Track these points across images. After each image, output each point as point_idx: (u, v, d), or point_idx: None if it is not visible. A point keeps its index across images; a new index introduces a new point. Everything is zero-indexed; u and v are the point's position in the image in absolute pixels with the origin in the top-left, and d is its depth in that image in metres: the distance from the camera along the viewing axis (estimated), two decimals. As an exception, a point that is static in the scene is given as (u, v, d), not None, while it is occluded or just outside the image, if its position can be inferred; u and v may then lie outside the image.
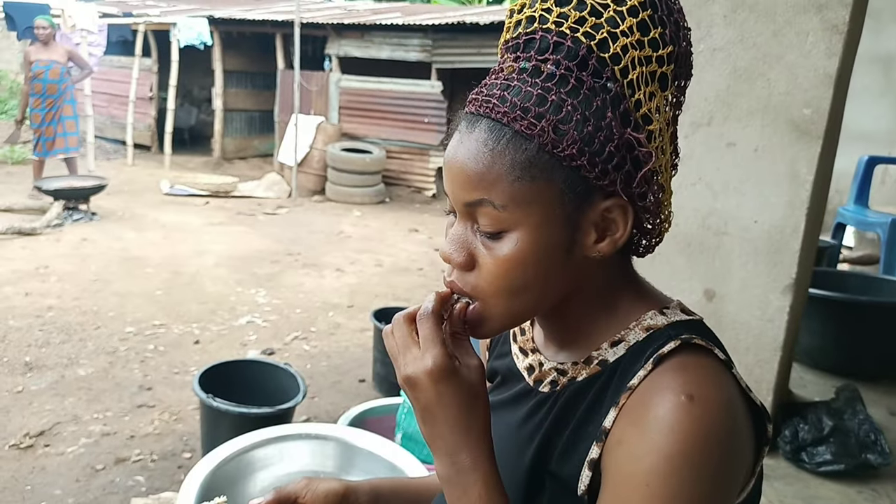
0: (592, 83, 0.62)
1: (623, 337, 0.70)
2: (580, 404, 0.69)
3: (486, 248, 0.66)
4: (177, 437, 2.82)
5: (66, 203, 6.36)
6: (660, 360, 0.64)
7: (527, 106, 0.62)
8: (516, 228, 0.64)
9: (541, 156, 0.62)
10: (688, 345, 0.64)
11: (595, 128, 0.62)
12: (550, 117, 0.62)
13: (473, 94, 0.68)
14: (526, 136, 0.62)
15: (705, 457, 0.59)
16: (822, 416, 1.86)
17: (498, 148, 0.63)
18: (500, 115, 0.63)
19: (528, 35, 0.65)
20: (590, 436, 0.66)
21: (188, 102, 11.85)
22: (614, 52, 0.62)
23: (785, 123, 1.73)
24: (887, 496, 1.72)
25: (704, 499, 0.59)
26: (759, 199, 1.78)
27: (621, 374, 0.67)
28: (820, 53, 1.67)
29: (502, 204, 0.63)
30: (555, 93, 0.62)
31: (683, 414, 0.59)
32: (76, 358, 3.53)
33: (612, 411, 0.64)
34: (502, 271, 0.65)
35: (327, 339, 4.07)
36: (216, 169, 9.94)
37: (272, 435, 2.18)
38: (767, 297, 1.80)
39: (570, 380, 0.72)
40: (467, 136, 0.65)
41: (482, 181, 0.64)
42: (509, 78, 0.65)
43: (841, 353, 2.50)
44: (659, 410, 0.60)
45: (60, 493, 2.37)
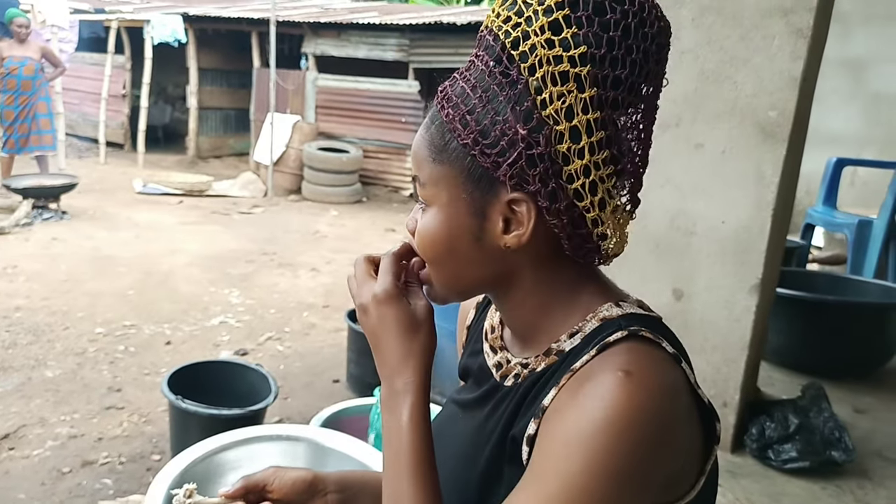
0: (501, 79, 0.65)
1: (581, 328, 0.71)
2: (538, 393, 0.70)
3: (420, 219, 0.74)
4: (146, 439, 2.78)
5: (35, 202, 6.25)
6: (605, 346, 0.65)
7: (451, 96, 0.69)
8: (432, 204, 0.72)
9: (451, 142, 0.68)
10: (635, 336, 0.65)
11: (492, 121, 0.65)
12: (462, 108, 0.67)
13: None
14: (443, 123, 0.69)
15: (632, 429, 0.59)
16: (789, 415, 1.89)
17: (428, 133, 0.71)
18: (437, 103, 0.71)
19: (480, 33, 0.70)
20: (530, 416, 0.68)
21: (162, 100, 11.71)
22: (523, 50, 0.64)
23: (751, 125, 1.75)
24: (850, 492, 1.75)
25: (623, 469, 0.59)
26: (726, 199, 1.80)
27: (570, 360, 0.68)
28: (785, 57, 1.69)
29: (423, 181, 0.72)
30: (470, 83, 0.68)
31: (617, 386, 0.60)
32: (44, 359, 3.47)
33: (553, 390, 0.66)
34: (420, 240, 0.74)
35: (301, 340, 4.04)
36: (191, 168, 9.84)
37: (242, 436, 2.16)
38: (734, 296, 1.82)
39: (531, 371, 0.73)
40: (425, 120, 0.73)
41: (416, 159, 0.73)
42: (462, 72, 0.71)
43: (808, 351, 2.54)
44: (594, 381, 0.62)
45: (25, 497, 2.32)
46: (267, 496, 0.88)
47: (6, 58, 6.69)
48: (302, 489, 0.88)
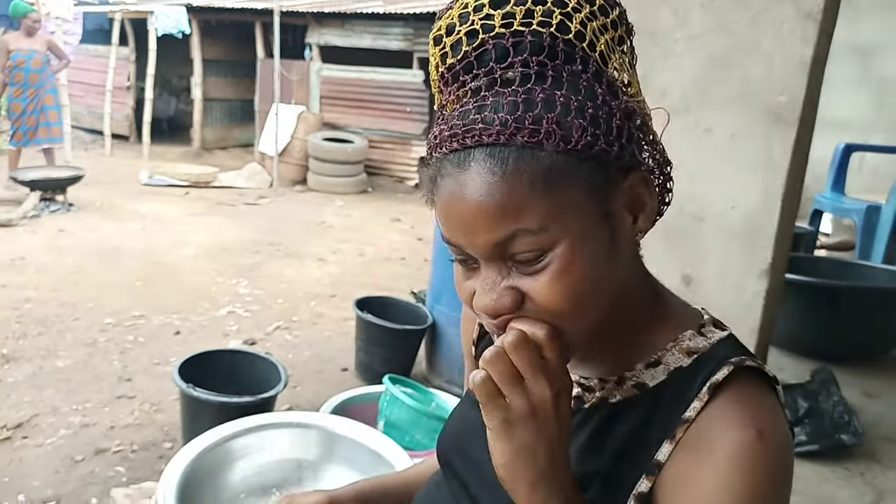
0: (569, 69, 0.59)
1: (660, 359, 0.66)
2: (619, 430, 0.66)
3: (531, 277, 0.59)
4: (157, 427, 2.80)
5: (42, 194, 6.27)
6: (714, 389, 0.61)
7: (518, 115, 0.57)
8: (558, 244, 0.58)
9: (557, 158, 0.57)
10: (740, 369, 0.62)
11: (595, 108, 0.58)
12: (549, 116, 0.56)
13: (443, 133, 0.61)
14: (533, 144, 0.56)
15: (775, 494, 0.59)
16: (798, 398, 1.90)
17: (509, 170, 0.56)
18: (495, 136, 0.57)
19: (476, 49, 0.60)
20: (637, 467, 0.63)
21: (167, 92, 11.71)
22: (576, 30, 0.59)
23: (761, 110, 1.74)
24: (860, 474, 1.76)
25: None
26: (735, 184, 1.80)
27: (670, 403, 0.64)
28: (795, 41, 1.69)
29: (539, 226, 0.57)
30: (539, 92, 0.57)
31: (756, 451, 0.58)
32: (54, 349, 3.49)
33: (667, 444, 0.62)
34: (560, 294, 0.59)
35: (310, 329, 4.05)
36: (196, 159, 9.84)
37: (253, 424, 2.18)
38: (744, 281, 1.82)
39: (601, 399, 0.68)
40: (464, 175, 0.58)
41: (506, 213, 0.57)
42: (478, 99, 0.59)
43: (817, 337, 2.54)
44: (729, 448, 0.58)
45: (39, 484, 2.35)
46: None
47: (13, 51, 6.69)
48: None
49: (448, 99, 0.63)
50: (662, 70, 1.84)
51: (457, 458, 0.79)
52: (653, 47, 1.85)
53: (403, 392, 2.55)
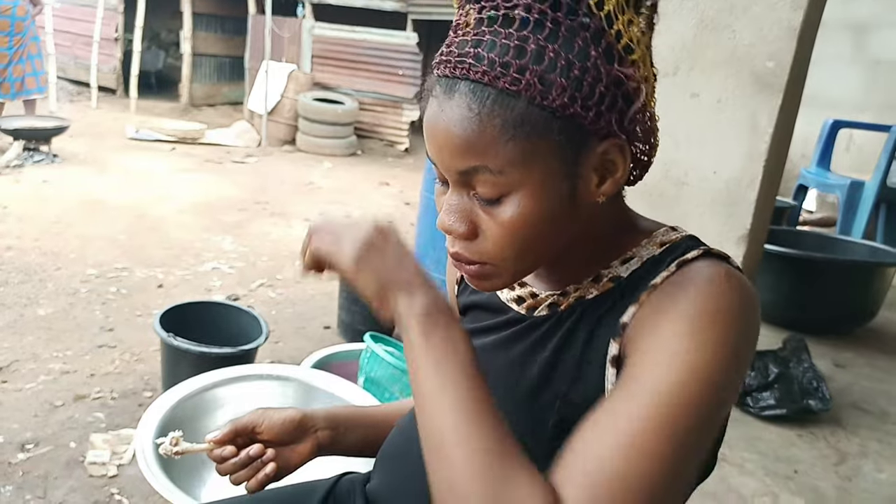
0: (570, 23, 0.58)
1: (635, 253, 0.69)
2: (593, 315, 0.68)
3: (489, 215, 0.63)
4: (137, 376, 2.81)
5: (26, 143, 6.18)
6: (684, 263, 0.64)
7: (506, 60, 0.58)
8: (517, 190, 0.61)
9: (531, 111, 0.58)
10: (710, 254, 0.66)
11: (581, 70, 0.58)
12: (534, 68, 0.57)
13: (443, 55, 0.63)
14: (512, 92, 0.58)
15: (743, 317, 0.60)
16: (769, 364, 1.93)
17: (485, 110, 0.59)
18: (480, 74, 0.59)
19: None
20: (604, 339, 0.65)
21: (156, 45, 11.50)
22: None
23: (748, 75, 1.75)
24: (824, 439, 1.81)
25: (738, 353, 0.59)
26: (719, 150, 1.81)
27: (638, 281, 0.66)
28: (786, 6, 1.68)
29: (499, 168, 0.60)
30: (532, 41, 0.58)
31: (722, 281, 0.61)
32: (36, 298, 3.48)
33: (632, 307, 0.64)
34: (510, 235, 0.63)
35: (293, 287, 4.06)
36: (184, 115, 9.71)
37: (233, 375, 2.19)
38: (722, 246, 1.83)
39: (577, 299, 0.70)
40: (447, 102, 0.61)
41: (474, 147, 0.60)
42: (479, 32, 0.60)
43: (793, 307, 2.59)
44: (695, 281, 0.61)
45: (18, 427, 2.36)
46: (256, 438, 0.88)
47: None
48: (291, 428, 0.88)
49: (466, 18, 0.63)
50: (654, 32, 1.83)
51: None
52: (644, 8, 1.84)
53: (385, 350, 2.57)
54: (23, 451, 2.24)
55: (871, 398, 2.08)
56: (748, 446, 1.74)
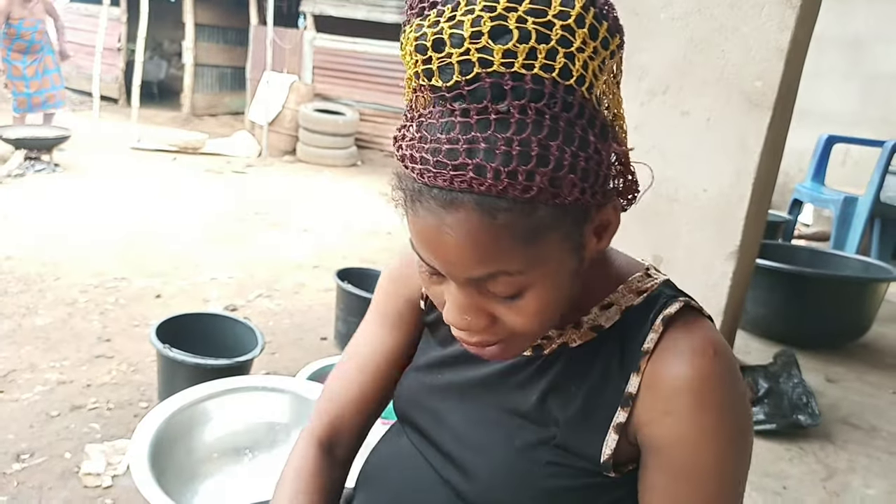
0: (568, 115, 0.56)
1: (613, 301, 0.71)
2: (585, 371, 0.71)
3: (507, 307, 0.63)
4: (134, 387, 2.83)
5: (27, 153, 6.22)
6: (668, 321, 0.68)
7: (512, 169, 0.54)
8: (536, 283, 0.61)
9: (545, 211, 0.57)
10: (688, 307, 0.70)
11: (586, 160, 0.57)
12: (542, 171, 0.55)
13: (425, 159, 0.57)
14: (524, 200, 0.56)
15: (742, 395, 0.68)
16: (759, 379, 1.95)
17: (497, 222, 0.56)
18: (487, 187, 0.55)
19: (469, 83, 0.55)
20: (608, 402, 0.68)
21: (158, 56, 11.58)
22: (578, 74, 0.56)
23: (737, 94, 1.77)
24: (813, 454, 1.82)
25: (751, 424, 0.70)
26: (708, 167, 1.83)
27: (627, 337, 0.69)
28: (773, 27, 1.71)
29: (518, 270, 0.59)
30: (535, 143, 0.54)
31: (716, 369, 0.65)
32: (34, 308, 3.50)
33: (634, 377, 0.67)
34: (531, 320, 0.63)
35: (291, 298, 4.07)
36: (185, 125, 9.77)
37: (228, 386, 2.21)
38: (712, 263, 1.86)
39: (561, 346, 0.72)
40: (450, 216, 0.57)
41: (488, 258, 0.58)
42: (470, 138, 0.55)
43: (785, 322, 2.60)
44: (696, 372, 0.65)
45: (14, 437, 2.37)
46: None
47: (17, 19, 6.51)
48: None
49: (422, 105, 0.60)
50: (643, 50, 1.85)
51: (416, 410, 0.83)
52: (636, 26, 1.87)
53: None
54: (18, 462, 2.25)
55: (860, 413, 2.09)
56: (737, 461, 1.75)
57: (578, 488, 0.69)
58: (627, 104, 2.01)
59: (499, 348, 0.66)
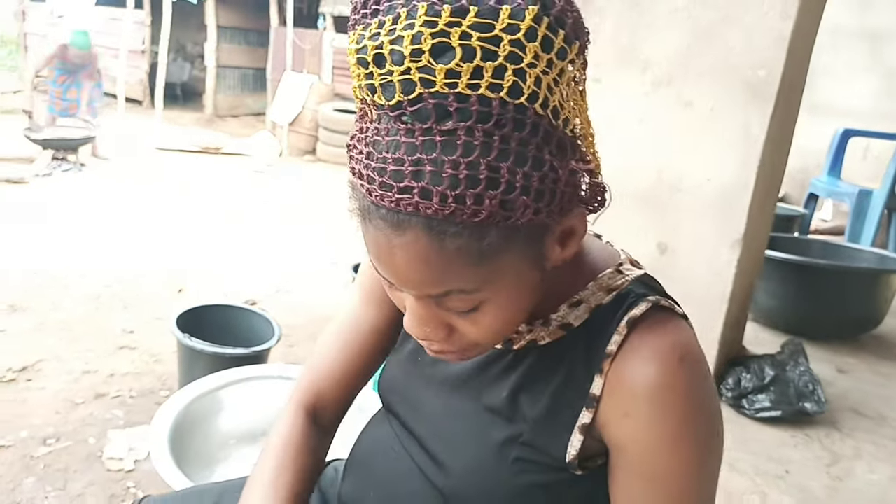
0: (519, 135, 0.52)
1: (582, 298, 0.69)
2: (552, 370, 0.70)
3: (465, 319, 0.62)
4: (156, 376, 2.91)
5: (54, 153, 6.38)
6: (633, 322, 0.65)
7: (459, 193, 0.51)
8: (493, 298, 0.60)
9: (496, 232, 0.54)
10: (656, 307, 0.66)
11: (540, 180, 0.53)
12: (492, 193, 0.52)
13: (372, 178, 0.55)
14: (473, 224, 0.53)
15: (707, 402, 0.65)
16: (765, 367, 1.96)
17: (447, 246, 0.54)
18: (434, 211, 0.52)
19: (412, 103, 0.52)
20: (573, 402, 0.67)
21: (181, 58, 11.77)
22: (530, 91, 0.52)
23: (740, 84, 1.79)
24: (818, 441, 1.83)
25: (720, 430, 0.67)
26: (712, 157, 1.85)
27: (594, 338, 0.67)
28: (776, 16, 1.72)
29: (472, 289, 0.58)
30: (484, 166, 0.51)
31: (680, 374, 0.63)
32: (60, 302, 3.60)
33: (598, 378, 0.65)
34: (489, 332, 0.63)
35: (310, 293, 4.15)
36: (208, 125, 9.93)
37: (244, 375, 2.27)
38: (717, 251, 1.88)
39: (530, 342, 0.71)
40: (398, 238, 0.55)
41: (441, 278, 0.57)
42: (416, 160, 0.52)
43: (797, 314, 2.59)
44: (659, 377, 0.62)
45: (40, 422, 2.46)
46: None
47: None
48: None
49: (371, 117, 0.56)
50: (646, 41, 1.88)
51: (396, 398, 0.84)
52: (638, 18, 1.89)
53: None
54: (45, 446, 2.33)
55: (870, 403, 2.09)
56: (741, 446, 1.77)
57: (546, 484, 0.69)
58: (631, 96, 2.04)
59: (458, 355, 0.67)
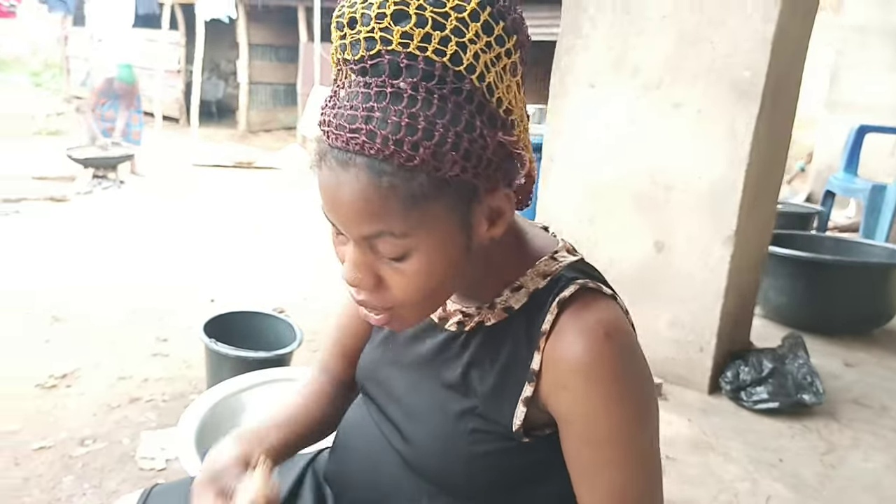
0: (456, 98, 0.62)
1: (522, 284, 0.77)
2: (498, 349, 0.77)
3: (393, 269, 0.68)
4: (186, 381, 3.05)
5: (95, 171, 6.65)
6: (563, 303, 0.73)
7: (399, 138, 0.60)
8: (419, 248, 0.66)
9: (427, 181, 0.63)
10: (585, 288, 0.74)
11: (469, 141, 0.62)
12: (426, 144, 0.61)
13: (331, 122, 0.64)
14: (408, 167, 0.62)
15: (635, 370, 0.73)
16: (764, 360, 2.00)
17: (383, 184, 0.62)
18: (375, 151, 0.61)
19: (372, 58, 0.62)
20: (518, 378, 0.75)
21: (216, 76, 12.10)
22: (469, 62, 0.61)
23: (726, 85, 1.85)
24: (816, 431, 1.86)
25: (651, 392, 0.74)
26: (702, 156, 1.91)
27: (532, 319, 0.75)
28: (758, 18, 1.78)
29: (401, 233, 0.65)
30: (422, 118, 0.60)
31: (606, 348, 0.70)
32: (99, 312, 3.78)
33: (536, 355, 0.73)
34: (415, 285, 0.68)
35: (336, 301, 4.26)
36: (242, 141, 10.20)
37: (267, 378, 2.38)
38: (710, 248, 1.93)
39: (479, 323, 0.79)
40: (344, 174, 0.64)
41: (375, 216, 0.64)
42: (368, 107, 0.62)
43: (807, 310, 2.62)
44: (586, 352, 0.70)
45: (78, 424, 2.61)
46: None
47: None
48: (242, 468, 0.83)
49: (349, 82, 0.65)
50: (636, 48, 1.95)
51: (371, 384, 0.92)
52: (629, 25, 1.96)
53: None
54: (82, 446, 2.49)
55: (873, 395, 2.12)
56: (737, 436, 1.81)
57: (498, 452, 0.76)
58: (622, 99, 2.14)
59: (386, 317, 0.73)
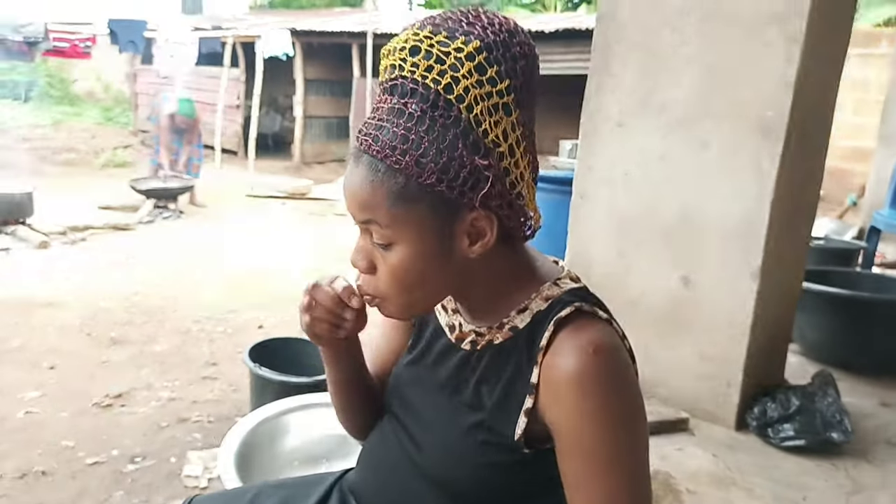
0: (444, 121, 0.75)
1: (527, 306, 0.85)
2: (504, 365, 0.85)
3: (381, 257, 0.82)
4: (232, 403, 3.18)
5: (156, 202, 6.99)
6: (559, 323, 0.80)
7: (394, 144, 0.75)
8: (399, 242, 0.79)
9: (410, 184, 0.76)
10: (580, 311, 0.81)
11: (449, 158, 0.75)
12: (413, 153, 0.75)
13: (362, 129, 0.80)
14: (395, 169, 0.76)
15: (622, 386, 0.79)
16: (792, 397, 1.99)
17: (376, 180, 0.77)
18: (375, 152, 0.77)
19: (392, 80, 0.78)
20: (520, 391, 0.82)
21: (273, 110, 12.56)
22: (458, 94, 0.74)
23: (751, 124, 1.89)
24: (844, 471, 1.84)
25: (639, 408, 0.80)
26: (729, 192, 1.94)
27: (533, 338, 0.82)
28: (780, 61, 1.82)
29: (385, 224, 0.78)
30: (414, 131, 0.75)
31: (595, 363, 0.77)
32: (154, 336, 3.98)
33: (535, 369, 0.81)
34: (392, 276, 0.81)
35: (377, 328, 4.37)
36: (296, 173, 10.53)
37: (307, 402, 2.48)
38: (737, 282, 1.95)
39: (489, 342, 0.88)
40: (354, 168, 0.79)
41: (367, 206, 0.78)
42: (383, 119, 0.77)
43: (844, 347, 2.58)
44: (577, 367, 0.77)
45: (130, 442, 2.76)
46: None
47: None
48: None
49: (381, 103, 0.80)
50: (664, 87, 2.01)
51: (395, 401, 1.01)
52: (655, 65, 2.03)
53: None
54: (132, 463, 2.63)
55: (909, 435, 2.08)
56: (761, 472, 1.81)
57: (503, 464, 0.84)
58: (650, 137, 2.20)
59: (372, 301, 0.87)
